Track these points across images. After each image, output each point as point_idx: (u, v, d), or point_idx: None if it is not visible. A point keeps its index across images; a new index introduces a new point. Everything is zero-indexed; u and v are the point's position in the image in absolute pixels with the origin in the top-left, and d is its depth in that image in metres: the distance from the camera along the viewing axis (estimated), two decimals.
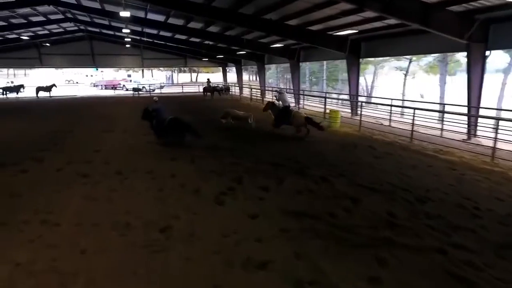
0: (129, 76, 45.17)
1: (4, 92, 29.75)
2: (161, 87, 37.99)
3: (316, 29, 14.41)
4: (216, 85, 29.04)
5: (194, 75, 60.27)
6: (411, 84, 28.35)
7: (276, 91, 18.34)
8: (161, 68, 52.69)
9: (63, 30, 27.73)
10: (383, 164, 7.91)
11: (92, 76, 47.27)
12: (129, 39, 27.26)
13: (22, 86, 30.81)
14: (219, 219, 5.02)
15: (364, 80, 32.56)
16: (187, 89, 34.57)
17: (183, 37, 24.01)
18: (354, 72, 15.62)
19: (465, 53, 20.47)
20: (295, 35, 14.48)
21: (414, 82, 28.99)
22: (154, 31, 23.85)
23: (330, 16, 12.53)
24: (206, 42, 24.36)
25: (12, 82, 39.52)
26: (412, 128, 9.93)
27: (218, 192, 6.02)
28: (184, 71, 58.25)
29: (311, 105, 17.99)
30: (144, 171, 7.37)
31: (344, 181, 6.68)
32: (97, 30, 28.02)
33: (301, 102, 18.69)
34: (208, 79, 27.37)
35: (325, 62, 32.65)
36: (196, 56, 32.34)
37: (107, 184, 6.54)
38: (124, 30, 21.13)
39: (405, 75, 27.25)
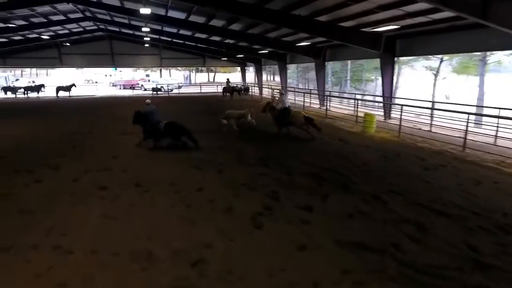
0: (147, 76, 45.06)
1: (26, 92, 29.94)
2: (179, 87, 37.59)
3: (348, 25, 13.26)
4: (236, 85, 28.32)
5: (211, 75, 59.88)
6: (440, 84, 26.74)
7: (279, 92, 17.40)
8: (179, 68, 52.46)
9: (82, 30, 27.54)
10: (439, 178, 6.85)
11: (111, 75, 47.43)
12: (148, 38, 26.82)
13: (42, 85, 30.92)
14: (260, 249, 4.16)
15: None
16: (205, 89, 34.03)
17: (203, 35, 23.34)
18: (388, 71, 14.43)
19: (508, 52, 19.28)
20: (325, 32, 13.48)
21: (442, 82, 27.39)
22: (174, 30, 23.24)
23: (366, 11, 11.49)
24: (227, 41, 23.63)
25: (33, 82, 39.96)
26: (466, 135, 8.80)
27: (253, 212, 5.16)
28: (202, 71, 57.91)
29: (340, 107, 17.02)
30: (166, 182, 6.61)
31: (399, 199, 5.69)
32: (117, 29, 27.71)
33: (327, 103, 17.65)
34: (227, 79, 26.65)
35: (349, 62, 31.40)
36: (216, 56, 31.69)
37: (126, 198, 5.80)
38: (143, 29, 20.63)
39: (436, 75, 25.68)
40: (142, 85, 39.75)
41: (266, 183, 6.50)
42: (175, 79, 45.86)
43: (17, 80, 45.65)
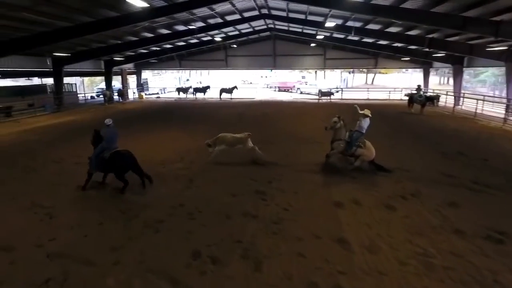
0: (303, 77, 42.28)
1: (194, 93, 31.11)
2: (339, 91, 32.46)
3: None
4: (426, 92, 21.84)
5: (369, 76, 52.82)
6: None
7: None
8: (335, 69, 47.82)
9: (251, 30, 26.24)
10: None
11: (266, 77, 46.87)
12: (322, 36, 23.08)
13: (208, 87, 31.59)
14: None
15: None
16: (372, 95, 28.47)
17: (396, 29, 17.93)
18: None
19: None
20: None
21: None
22: (358, 24, 18.52)
23: None
24: (432, 35, 17.52)
25: (200, 83, 42.72)
26: None
27: None
28: (362, 72, 51.68)
29: None
30: None
31: None
32: (285, 27, 25.28)
33: None
34: (418, 86, 20.33)
35: None
36: (395, 55, 25.75)
37: None
38: (326, 24, 16.88)
39: None
40: (298, 88, 37.16)
41: None
42: (332, 82, 41.56)
43: (187, 80, 50.32)
